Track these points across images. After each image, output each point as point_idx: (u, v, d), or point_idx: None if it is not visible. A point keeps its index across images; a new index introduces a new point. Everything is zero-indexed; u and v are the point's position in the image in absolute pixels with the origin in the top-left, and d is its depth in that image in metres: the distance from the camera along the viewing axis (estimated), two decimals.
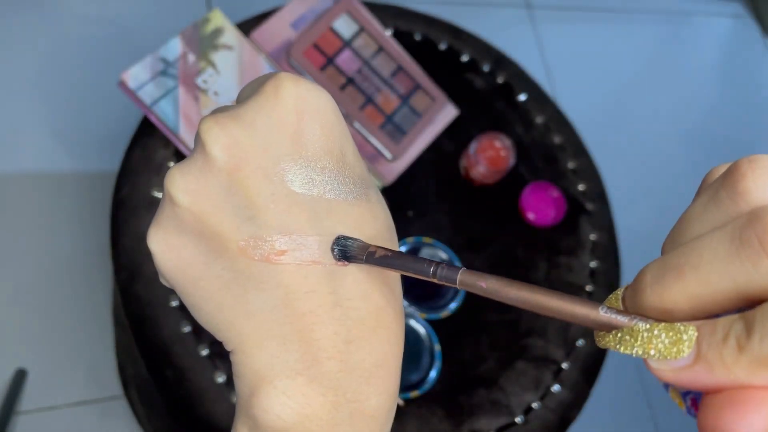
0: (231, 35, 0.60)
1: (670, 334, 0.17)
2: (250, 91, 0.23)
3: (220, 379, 0.53)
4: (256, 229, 0.21)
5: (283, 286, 0.22)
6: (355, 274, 0.22)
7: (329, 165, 0.22)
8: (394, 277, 0.24)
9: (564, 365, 0.62)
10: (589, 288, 0.66)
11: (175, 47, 0.58)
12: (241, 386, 0.23)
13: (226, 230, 0.21)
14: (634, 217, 1.38)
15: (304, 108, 0.22)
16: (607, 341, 0.18)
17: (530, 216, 0.66)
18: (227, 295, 0.22)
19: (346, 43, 0.64)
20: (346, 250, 0.22)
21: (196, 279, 0.22)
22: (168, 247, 0.22)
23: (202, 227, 0.22)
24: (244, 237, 0.21)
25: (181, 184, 0.21)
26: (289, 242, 0.21)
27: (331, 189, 0.22)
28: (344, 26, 0.64)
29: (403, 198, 0.63)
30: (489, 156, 0.64)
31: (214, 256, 0.22)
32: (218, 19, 0.60)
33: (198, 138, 0.22)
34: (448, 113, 0.67)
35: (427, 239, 0.62)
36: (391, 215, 0.26)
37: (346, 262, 0.22)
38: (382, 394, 0.23)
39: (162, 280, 0.24)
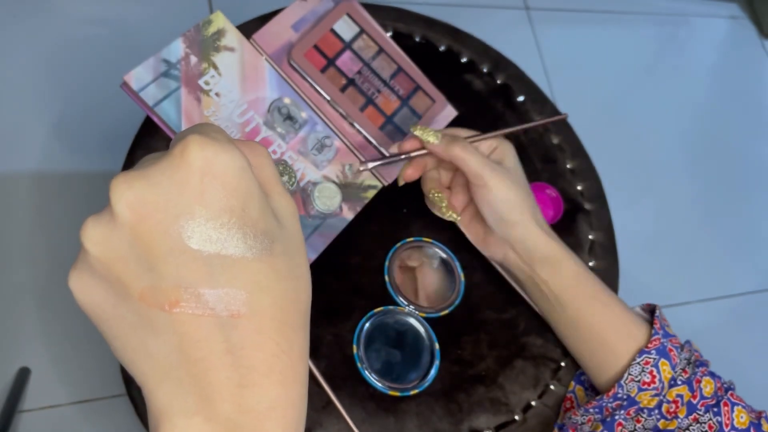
0: (232, 37, 0.61)
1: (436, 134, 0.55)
2: (171, 145, 0.25)
3: None
4: (153, 280, 0.23)
5: (178, 333, 0.24)
6: (248, 324, 0.24)
7: (229, 222, 0.24)
8: (294, 326, 0.26)
9: (563, 363, 0.63)
10: None
11: (177, 49, 0.58)
12: (149, 420, 0.25)
13: (129, 279, 0.24)
14: (632, 216, 1.39)
15: (207, 169, 0.24)
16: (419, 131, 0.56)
17: None
18: (131, 336, 0.24)
19: (347, 45, 0.65)
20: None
21: (105, 318, 0.25)
22: (83, 288, 0.25)
23: (109, 274, 0.24)
24: (142, 286, 0.23)
25: (91, 235, 0.24)
26: (183, 293, 0.23)
27: (229, 245, 0.24)
28: (345, 28, 0.65)
29: (403, 198, 0.64)
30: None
31: (119, 300, 0.24)
32: (220, 21, 0.61)
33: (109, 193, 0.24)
34: (447, 114, 0.68)
35: (426, 239, 0.62)
36: (390, 216, 0.28)
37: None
38: None
39: None
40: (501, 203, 0.55)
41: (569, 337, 0.58)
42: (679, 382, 0.52)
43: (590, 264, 0.69)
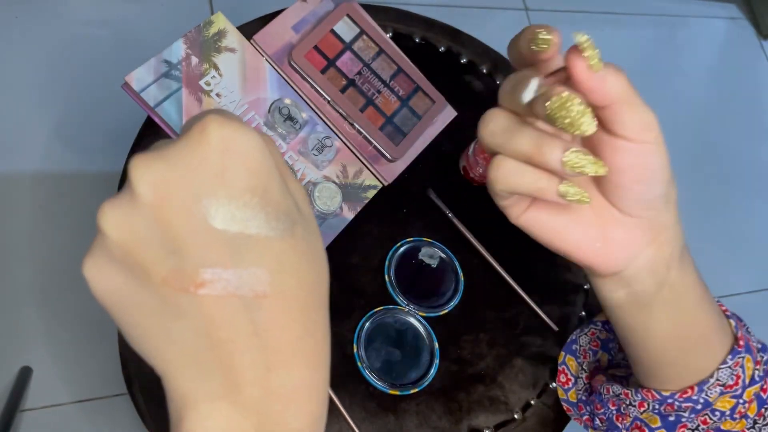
0: (233, 38, 0.61)
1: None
2: (183, 130, 0.24)
3: None
4: (177, 262, 0.22)
5: (202, 316, 0.23)
6: (273, 305, 0.24)
7: (252, 202, 0.23)
8: (317, 308, 0.25)
9: None
10: (587, 287, 0.67)
11: (178, 50, 0.59)
12: (171, 411, 0.24)
13: (150, 262, 0.23)
14: None
15: (228, 148, 0.23)
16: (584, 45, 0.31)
17: None
18: (152, 322, 0.23)
19: (347, 46, 0.65)
20: None
21: (124, 306, 0.24)
22: (99, 275, 0.24)
23: (129, 258, 0.23)
24: (166, 269, 0.23)
25: (109, 219, 0.23)
26: (208, 275, 0.23)
27: (253, 225, 0.23)
28: (345, 29, 0.65)
29: (403, 198, 0.64)
30: (488, 157, 0.65)
31: (140, 285, 0.23)
32: (221, 21, 0.61)
33: (127, 175, 0.23)
34: (447, 114, 0.68)
35: (426, 239, 0.62)
36: (390, 216, 0.27)
37: None
38: (303, 418, 0.25)
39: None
40: (667, 169, 0.36)
41: (671, 347, 0.42)
42: (757, 378, 0.43)
43: None
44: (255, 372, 0.23)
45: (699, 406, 0.42)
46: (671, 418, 0.44)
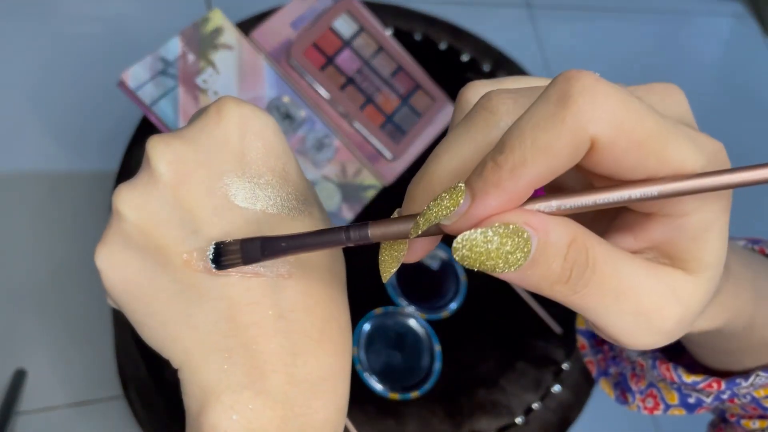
0: (231, 35, 0.60)
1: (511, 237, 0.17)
2: (196, 115, 0.24)
3: None
4: (199, 242, 0.22)
5: (226, 298, 0.22)
6: (298, 286, 0.23)
7: (272, 181, 0.23)
8: (340, 290, 0.25)
9: (564, 366, 0.62)
10: None
11: (174, 47, 0.58)
12: (189, 404, 0.23)
13: (171, 243, 0.22)
14: None
15: (247, 127, 0.23)
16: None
17: None
18: (171, 309, 0.22)
19: (346, 43, 0.64)
20: (221, 254, 0.21)
21: (140, 294, 0.23)
22: (114, 263, 0.23)
23: (148, 241, 0.22)
24: (187, 249, 0.22)
25: (127, 200, 0.22)
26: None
27: (274, 204, 0.23)
28: (344, 26, 0.64)
29: (403, 198, 0.63)
30: None
31: (158, 270, 0.22)
32: (218, 18, 0.60)
33: (145, 155, 0.22)
34: (448, 113, 0.67)
35: None
36: (390, 215, 0.26)
37: (246, 268, 0.22)
38: (329, 407, 0.23)
39: (109, 301, 0.24)
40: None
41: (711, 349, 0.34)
42: None
43: None
44: (281, 358, 0.22)
45: (725, 396, 0.35)
46: (691, 400, 0.38)
